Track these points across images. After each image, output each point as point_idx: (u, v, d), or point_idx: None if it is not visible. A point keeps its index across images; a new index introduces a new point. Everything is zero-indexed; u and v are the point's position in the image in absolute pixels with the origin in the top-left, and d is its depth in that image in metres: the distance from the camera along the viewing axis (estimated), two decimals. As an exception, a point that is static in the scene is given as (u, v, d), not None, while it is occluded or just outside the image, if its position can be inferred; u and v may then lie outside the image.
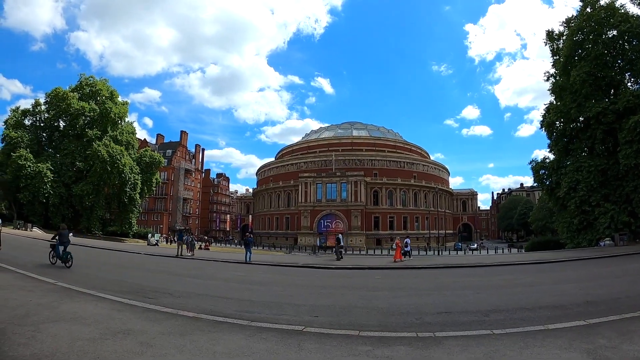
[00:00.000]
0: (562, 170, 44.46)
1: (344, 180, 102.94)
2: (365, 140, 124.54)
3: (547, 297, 13.23)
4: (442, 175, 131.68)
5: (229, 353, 7.53)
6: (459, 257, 45.50)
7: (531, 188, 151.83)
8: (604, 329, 8.71)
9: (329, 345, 8.05)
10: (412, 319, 10.56)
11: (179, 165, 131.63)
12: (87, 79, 76.93)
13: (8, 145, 67.85)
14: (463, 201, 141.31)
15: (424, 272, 25.14)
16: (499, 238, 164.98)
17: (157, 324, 9.77)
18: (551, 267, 25.50)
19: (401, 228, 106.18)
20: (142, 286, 16.00)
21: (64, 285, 14.53)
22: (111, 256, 33.01)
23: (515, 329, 8.94)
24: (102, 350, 7.48)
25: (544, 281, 18.38)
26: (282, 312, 11.60)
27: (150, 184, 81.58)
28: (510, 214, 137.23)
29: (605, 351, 7.12)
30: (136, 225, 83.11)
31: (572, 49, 43.30)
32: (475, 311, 11.27)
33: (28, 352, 7.30)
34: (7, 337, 8.16)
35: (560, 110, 43.77)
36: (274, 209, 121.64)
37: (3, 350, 7.36)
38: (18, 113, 73.77)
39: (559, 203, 45.47)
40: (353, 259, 43.73)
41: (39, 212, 68.19)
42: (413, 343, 8.14)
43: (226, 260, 33.37)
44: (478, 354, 7.23)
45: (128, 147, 76.61)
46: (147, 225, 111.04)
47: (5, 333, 8.41)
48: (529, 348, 7.45)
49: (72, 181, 70.45)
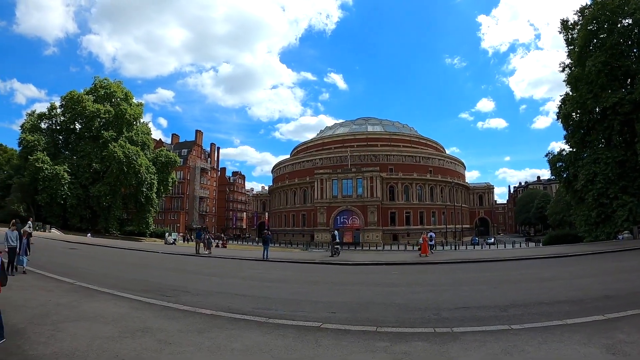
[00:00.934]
0: (579, 162, 43.83)
1: (360, 176, 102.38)
2: (380, 135, 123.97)
3: (565, 292, 13.13)
4: (458, 169, 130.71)
5: (247, 350, 7.56)
6: (476, 252, 45.33)
7: (548, 181, 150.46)
8: (623, 323, 8.63)
9: (347, 342, 8.06)
10: (429, 315, 10.55)
11: (194, 165, 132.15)
12: (102, 81, 77.55)
13: (25, 148, 68.60)
14: (479, 195, 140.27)
15: (441, 268, 25.04)
16: (516, 232, 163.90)
17: (175, 322, 9.84)
18: (569, 261, 25.30)
19: (418, 223, 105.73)
20: (161, 285, 16.09)
21: (83, 284, 14.65)
22: (129, 255, 33.21)
23: (534, 324, 8.88)
24: (120, 349, 7.53)
25: (562, 275, 18.24)
26: (299, 309, 11.62)
27: (166, 183, 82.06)
28: (527, 208, 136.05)
29: (624, 346, 7.07)
30: (153, 224, 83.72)
31: (586, 39, 42.65)
32: (493, 306, 11.23)
33: (48, 350, 7.37)
34: (27, 336, 8.25)
35: (576, 101, 43.09)
36: (290, 206, 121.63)
37: (24, 350, 7.44)
38: (34, 117, 74.54)
39: (577, 196, 44.92)
40: (370, 255, 43.66)
41: (57, 214, 68.90)
42: (431, 339, 8.13)
43: (243, 257, 33.48)
44: (496, 349, 7.21)
45: (144, 148, 77.14)
46: (164, 224, 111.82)
47: (26, 332, 8.51)
48: (548, 343, 7.41)
49: (89, 182, 71.12)
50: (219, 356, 7.24)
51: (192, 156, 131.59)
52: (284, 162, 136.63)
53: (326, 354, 7.30)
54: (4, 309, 8.36)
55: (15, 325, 8.88)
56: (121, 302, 12.04)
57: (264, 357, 7.17)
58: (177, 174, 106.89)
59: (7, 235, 16.88)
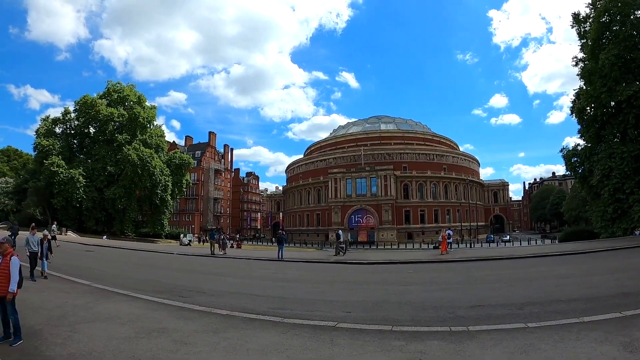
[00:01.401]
0: (594, 157, 43.20)
1: (374, 174, 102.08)
2: (393, 133, 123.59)
3: (581, 289, 13.05)
4: (472, 166, 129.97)
5: (262, 350, 7.59)
6: (492, 250, 45.05)
7: (563, 177, 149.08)
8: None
9: (362, 341, 8.08)
10: (445, 313, 10.53)
11: (208, 166, 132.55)
12: (115, 85, 78.03)
13: (40, 153, 69.21)
14: (494, 192, 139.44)
15: (456, 266, 24.93)
16: (531, 229, 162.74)
17: (191, 322, 9.91)
18: (585, 257, 25.07)
19: (432, 221, 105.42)
20: (176, 285, 16.16)
21: (99, 286, 14.76)
22: (144, 257, 33.42)
23: (550, 322, 8.84)
24: (137, 349, 7.59)
25: (578, 272, 18.10)
26: (314, 309, 11.63)
27: (180, 185, 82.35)
28: (543, 204, 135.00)
29: (642, 343, 6.98)
30: (168, 226, 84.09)
31: (599, 32, 42.07)
32: (509, 304, 11.17)
33: (65, 352, 7.44)
34: (44, 337, 8.34)
35: (590, 95, 42.46)
36: (304, 206, 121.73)
37: (41, 351, 7.51)
38: (48, 122, 75.17)
39: (592, 192, 44.37)
40: (384, 254, 43.60)
41: (73, 216, 69.47)
42: (446, 337, 8.12)
43: (258, 258, 33.54)
44: (512, 348, 7.19)
45: (158, 150, 77.52)
46: (179, 225, 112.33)
47: (43, 334, 8.60)
48: (564, 341, 7.37)
49: (104, 185, 71.58)
50: (234, 356, 7.27)
51: (205, 157, 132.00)
52: (297, 162, 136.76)
53: (342, 354, 7.32)
54: (21, 311, 8.44)
55: (33, 327, 8.98)
56: (137, 303, 12.14)
57: (279, 357, 7.20)
58: (191, 175, 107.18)
59: (28, 239, 17.00)
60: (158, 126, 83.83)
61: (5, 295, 7.83)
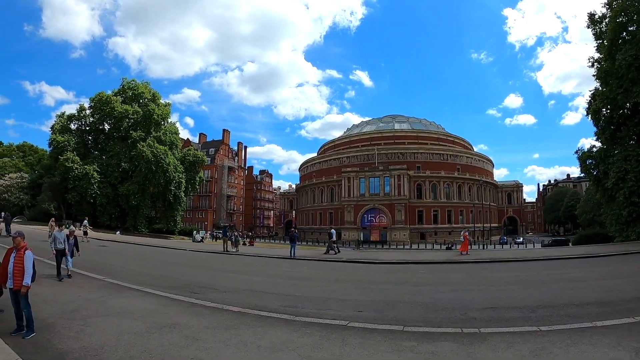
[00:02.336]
0: (609, 159, 42.61)
1: (387, 174, 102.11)
2: (407, 133, 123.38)
3: (594, 293, 12.89)
4: (486, 167, 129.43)
5: (274, 347, 7.61)
6: (505, 251, 44.79)
7: (578, 179, 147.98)
8: (654, 326, 8.45)
9: (373, 340, 8.08)
10: (456, 315, 10.48)
11: (222, 163, 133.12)
12: (129, 82, 78.46)
13: (55, 149, 69.74)
14: (508, 193, 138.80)
15: (469, 267, 24.80)
16: (545, 231, 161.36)
17: (202, 319, 9.97)
18: (599, 261, 24.85)
19: (445, 222, 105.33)
20: (188, 281, 16.23)
21: (112, 281, 14.86)
22: (157, 253, 33.56)
23: (562, 325, 8.78)
24: (148, 344, 7.64)
25: (592, 276, 17.89)
26: (326, 307, 11.63)
27: (194, 182, 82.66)
28: (557, 207, 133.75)
29: (655, 350, 6.92)
30: (181, 222, 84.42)
31: (616, 32, 41.46)
32: (522, 307, 11.10)
33: (77, 345, 7.51)
34: (57, 330, 8.41)
35: (606, 96, 41.85)
36: (317, 204, 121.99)
37: (53, 344, 7.58)
38: (64, 118, 75.72)
39: (607, 194, 43.79)
40: (396, 253, 43.50)
41: (87, 212, 69.74)
42: (458, 339, 8.10)
43: (270, 255, 33.57)
44: (524, 351, 7.16)
45: (172, 147, 77.86)
46: (192, 222, 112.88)
47: (56, 327, 8.68)
48: (576, 346, 7.32)
49: (118, 181, 72.03)
50: (245, 353, 7.29)
51: (219, 155, 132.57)
52: (311, 161, 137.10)
53: (352, 353, 7.32)
54: (34, 304, 8.52)
55: (45, 320, 9.07)
56: (149, 299, 12.22)
57: (290, 355, 7.22)
58: (205, 172, 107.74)
59: (54, 236, 16.41)
60: (172, 123, 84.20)
61: (20, 288, 7.92)
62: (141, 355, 7.05)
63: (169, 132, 79.51)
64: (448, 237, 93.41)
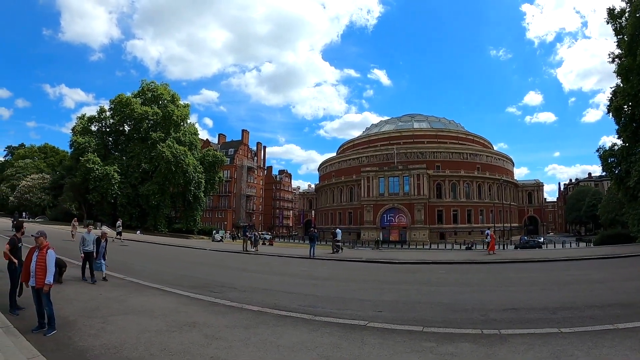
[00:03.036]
0: (631, 158, 41.85)
1: (406, 173, 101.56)
2: (426, 132, 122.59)
3: (617, 295, 12.77)
4: (506, 166, 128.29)
5: (293, 347, 7.62)
6: (525, 252, 44.35)
7: (599, 178, 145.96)
8: (677, 328, 8.35)
9: (392, 341, 8.08)
10: (476, 316, 10.44)
11: (241, 163, 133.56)
12: (149, 84, 79.27)
13: (76, 150, 70.74)
14: (528, 193, 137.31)
15: (489, 267, 24.70)
16: (566, 231, 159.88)
17: (222, 318, 10.02)
18: (621, 262, 24.57)
19: (465, 222, 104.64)
20: (208, 281, 16.32)
21: (133, 280, 14.98)
22: (177, 252, 33.80)
23: (584, 327, 8.70)
24: (168, 342, 7.69)
25: (614, 277, 17.71)
26: (345, 307, 11.65)
27: (213, 182, 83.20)
28: (578, 206, 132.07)
29: (677, 352, 6.83)
30: (201, 222, 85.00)
31: (636, 27, 40.66)
32: (542, 308, 11.03)
33: (97, 342, 7.58)
34: (78, 328, 8.51)
35: (627, 93, 41.02)
36: (336, 204, 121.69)
37: (74, 341, 7.65)
38: (84, 120, 76.77)
39: (629, 194, 43.07)
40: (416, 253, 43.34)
41: (108, 212, 70.77)
42: (478, 340, 8.08)
43: (290, 255, 33.63)
44: (544, 353, 7.12)
45: (191, 148, 78.38)
46: (211, 222, 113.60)
47: (77, 324, 8.78)
48: (598, 348, 7.25)
49: (139, 182, 72.76)
50: (265, 352, 7.31)
51: (238, 155, 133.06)
52: (330, 160, 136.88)
53: (372, 353, 7.31)
54: (56, 302, 8.61)
55: (67, 318, 9.17)
56: (169, 297, 12.31)
57: (309, 354, 7.22)
58: (224, 172, 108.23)
59: (83, 238, 15.87)
60: (191, 124, 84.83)
61: (42, 287, 8.00)
62: (161, 353, 7.11)
63: (189, 133, 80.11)
64: (468, 237, 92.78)
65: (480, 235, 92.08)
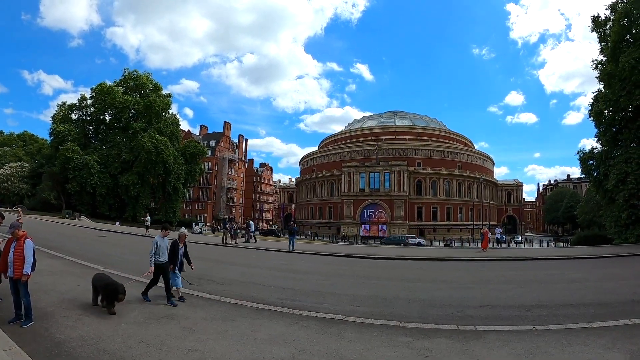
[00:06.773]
0: (610, 161, 42.49)
1: (387, 170, 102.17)
2: (408, 129, 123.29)
3: (591, 294, 12.96)
4: (486, 165, 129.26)
5: (270, 339, 7.67)
6: (503, 250, 44.77)
7: (578, 180, 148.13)
8: (650, 329, 8.50)
9: (369, 335, 8.16)
10: (453, 312, 10.55)
11: (222, 156, 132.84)
12: (131, 73, 78.81)
13: (56, 138, 70.33)
14: (508, 192, 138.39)
15: (467, 265, 24.88)
16: (544, 231, 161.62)
17: (200, 310, 10.05)
18: (597, 262, 24.85)
19: (444, 219, 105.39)
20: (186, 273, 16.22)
21: (111, 271, 14.86)
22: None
23: (558, 325, 8.86)
24: (145, 334, 7.70)
25: (589, 277, 17.94)
26: (323, 301, 11.71)
27: (194, 174, 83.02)
28: (556, 207, 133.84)
29: (649, 352, 6.97)
30: (180, 214, 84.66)
31: (619, 35, 41.31)
32: (518, 306, 11.18)
33: (74, 334, 7.56)
34: (55, 320, 8.46)
35: (608, 98, 41.61)
36: (317, 199, 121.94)
37: (51, 332, 7.63)
38: (65, 108, 76.20)
39: (607, 196, 43.69)
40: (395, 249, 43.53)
41: (87, 202, 70.26)
42: (454, 336, 8.18)
43: (269, 248, 33.53)
44: (519, 349, 7.23)
45: (172, 139, 78.06)
46: (192, 214, 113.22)
47: (54, 316, 8.73)
48: (571, 346, 7.39)
49: (118, 172, 72.32)
50: (242, 345, 7.34)
51: (220, 147, 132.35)
52: (311, 155, 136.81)
53: (348, 347, 7.38)
54: (34, 293, 8.56)
55: (44, 309, 9.11)
56: (147, 290, 12.21)
57: (287, 347, 7.27)
58: (206, 164, 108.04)
59: (157, 243, 11.44)
60: (173, 115, 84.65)
61: (20, 277, 7.94)
62: (138, 345, 7.11)
63: (170, 123, 79.86)
64: (447, 234, 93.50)
65: (459, 233, 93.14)
